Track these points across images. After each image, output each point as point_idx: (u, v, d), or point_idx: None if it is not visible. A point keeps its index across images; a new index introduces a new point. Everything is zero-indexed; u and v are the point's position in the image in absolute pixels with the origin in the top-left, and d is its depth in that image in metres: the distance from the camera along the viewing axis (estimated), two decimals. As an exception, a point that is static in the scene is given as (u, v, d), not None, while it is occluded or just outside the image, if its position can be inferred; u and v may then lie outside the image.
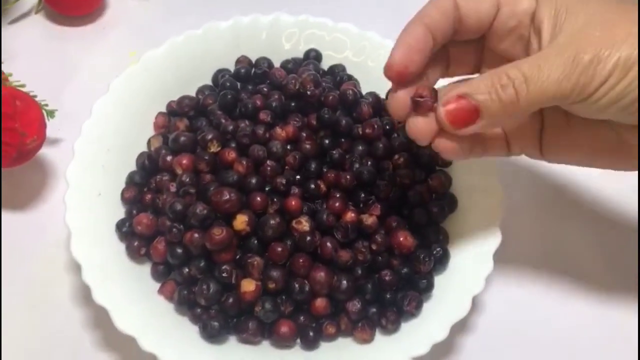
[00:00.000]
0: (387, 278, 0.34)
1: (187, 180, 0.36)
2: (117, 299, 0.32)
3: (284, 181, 0.35)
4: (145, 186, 0.38)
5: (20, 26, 0.49)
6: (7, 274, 0.38)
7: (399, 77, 0.30)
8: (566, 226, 0.41)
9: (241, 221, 0.33)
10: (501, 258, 0.35)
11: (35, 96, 0.40)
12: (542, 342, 0.37)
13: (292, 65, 0.42)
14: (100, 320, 0.36)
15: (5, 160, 0.37)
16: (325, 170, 0.37)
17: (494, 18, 0.30)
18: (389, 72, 0.30)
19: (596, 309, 0.38)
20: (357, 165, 0.37)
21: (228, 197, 0.33)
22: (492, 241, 0.35)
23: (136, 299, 0.33)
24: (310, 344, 0.33)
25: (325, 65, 0.43)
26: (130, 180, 0.38)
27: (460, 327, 0.36)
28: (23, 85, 0.40)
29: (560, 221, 0.41)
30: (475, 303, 0.37)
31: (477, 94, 0.27)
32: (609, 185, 0.42)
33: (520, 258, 0.39)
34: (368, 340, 0.33)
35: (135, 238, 0.35)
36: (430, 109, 0.28)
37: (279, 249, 0.33)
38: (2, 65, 0.39)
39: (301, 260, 0.33)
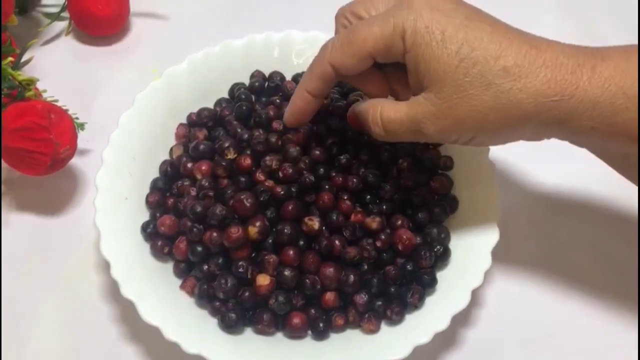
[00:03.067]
0: (392, 273, 0.36)
1: (206, 184, 0.38)
2: (143, 294, 0.35)
3: (312, 177, 0.37)
4: (167, 191, 0.40)
5: (52, 47, 0.52)
6: (41, 273, 0.40)
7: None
8: (564, 224, 0.43)
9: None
10: (502, 255, 0.37)
11: (67, 110, 0.43)
12: (541, 336, 0.38)
13: (302, 79, 0.45)
14: (126, 315, 0.38)
15: (40, 168, 0.40)
16: (333, 174, 0.39)
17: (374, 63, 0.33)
18: (287, 124, 0.38)
19: (594, 304, 0.39)
20: (363, 170, 0.39)
21: (245, 201, 0.36)
22: (490, 238, 0.37)
23: (160, 294, 0.36)
24: (320, 335, 0.35)
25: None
26: (154, 185, 0.40)
27: (462, 321, 0.38)
28: (56, 100, 0.43)
29: (559, 219, 0.43)
30: (477, 298, 0.39)
31: (361, 118, 0.35)
32: (610, 183, 0.43)
33: (521, 255, 0.41)
34: (374, 330, 0.35)
35: (159, 238, 0.38)
36: None
37: (291, 253, 0.35)
38: (38, 82, 0.42)
39: (311, 258, 0.36)
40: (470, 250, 0.37)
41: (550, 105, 0.30)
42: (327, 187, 0.38)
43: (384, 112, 0.33)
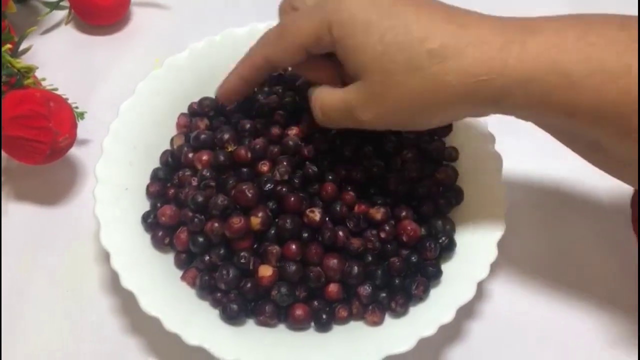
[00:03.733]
0: (396, 264, 0.36)
1: (208, 174, 0.38)
2: (143, 285, 0.34)
3: (315, 168, 0.37)
4: (168, 181, 0.40)
5: (52, 36, 0.52)
6: (40, 263, 0.40)
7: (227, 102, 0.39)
8: (572, 217, 0.42)
9: (256, 222, 0.35)
10: (508, 248, 0.36)
11: (67, 99, 0.42)
12: (546, 329, 0.38)
13: (305, 68, 0.44)
14: (127, 306, 0.38)
15: (39, 157, 0.39)
16: (337, 165, 0.39)
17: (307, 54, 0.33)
18: (218, 100, 0.39)
19: (601, 298, 0.39)
20: (367, 161, 0.39)
21: (247, 192, 0.35)
22: (496, 230, 0.36)
23: (160, 285, 0.35)
24: (323, 327, 0.35)
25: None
26: (155, 175, 0.40)
27: (467, 313, 0.38)
28: (56, 89, 0.43)
29: (566, 212, 0.42)
30: (482, 290, 0.38)
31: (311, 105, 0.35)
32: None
33: (527, 248, 0.41)
34: (378, 322, 0.35)
35: (159, 228, 0.37)
36: None
37: (293, 247, 0.35)
38: (37, 70, 0.42)
39: (314, 249, 0.35)
40: (476, 242, 0.37)
41: (479, 84, 0.29)
42: (330, 178, 0.37)
43: (323, 98, 0.34)
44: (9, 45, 0.40)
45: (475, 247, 0.37)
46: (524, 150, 0.42)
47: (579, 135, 0.31)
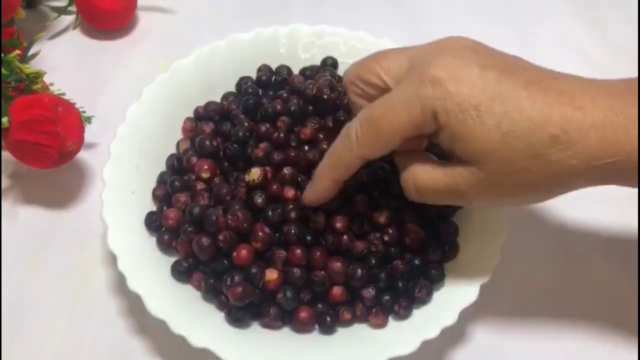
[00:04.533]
0: (399, 267, 0.36)
1: (207, 187, 0.38)
2: (149, 287, 0.35)
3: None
4: (174, 186, 0.40)
5: (59, 40, 0.52)
6: (48, 266, 0.40)
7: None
8: (575, 220, 0.42)
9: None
10: (511, 251, 0.37)
11: (74, 103, 0.43)
12: (550, 332, 0.38)
13: (309, 72, 0.44)
14: (133, 308, 0.38)
15: (47, 161, 0.40)
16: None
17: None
18: (309, 204, 0.35)
19: (606, 301, 0.39)
20: (372, 164, 0.39)
21: (243, 219, 0.35)
22: (499, 234, 0.37)
23: (166, 287, 0.36)
24: (327, 329, 0.35)
25: (341, 71, 0.44)
26: (161, 179, 0.40)
27: (470, 317, 0.38)
28: (63, 94, 0.43)
29: (569, 215, 0.42)
30: (486, 294, 0.38)
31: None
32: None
33: (530, 251, 0.41)
34: (382, 325, 0.35)
35: (165, 232, 0.38)
36: None
37: (298, 251, 0.35)
38: (45, 75, 0.42)
39: (319, 254, 0.35)
40: (479, 246, 0.37)
41: (605, 166, 0.28)
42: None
43: (417, 178, 0.32)
44: (18, 51, 0.41)
45: (478, 251, 0.37)
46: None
47: None
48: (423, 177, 0.32)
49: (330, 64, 0.45)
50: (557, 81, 0.30)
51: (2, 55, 0.40)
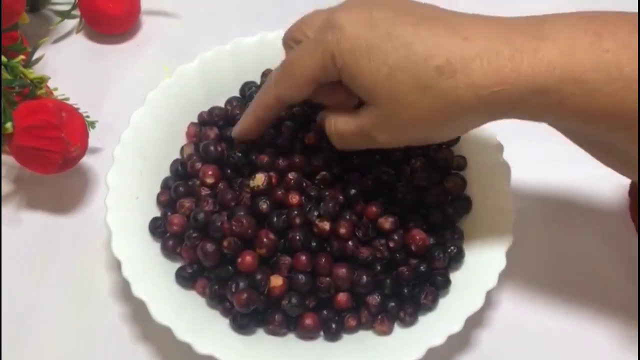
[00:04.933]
0: (405, 273, 0.36)
1: (212, 193, 0.38)
2: (154, 293, 0.35)
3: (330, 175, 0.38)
4: (178, 191, 0.40)
5: (63, 45, 0.52)
6: (51, 272, 0.40)
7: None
8: (580, 225, 0.42)
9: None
10: (516, 257, 0.36)
11: (78, 108, 0.43)
12: (555, 339, 0.38)
13: (313, 77, 0.44)
14: (137, 314, 0.38)
15: (51, 166, 0.40)
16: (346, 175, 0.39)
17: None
18: (235, 140, 0.39)
19: (611, 307, 0.39)
20: (375, 169, 0.39)
21: (247, 226, 0.35)
22: (505, 240, 0.36)
23: (171, 293, 0.36)
24: (332, 336, 0.35)
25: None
26: (165, 185, 0.40)
27: (476, 323, 0.38)
28: (67, 99, 0.43)
29: (574, 220, 0.42)
30: (491, 299, 0.38)
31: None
32: (626, 186, 0.43)
33: (535, 257, 0.41)
34: (387, 332, 0.35)
35: (170, 237, 0.38)
36: None
37: (303, 258, 0.35)
38: (49, 80, 0.42)
39: (324, 260, 0.35)
40: (485, 251, 0.37)
41: (493, 95, 0.28)
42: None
43: (337, 125, 0.34)
44: (22, 56, 0.40)
45: (483, 257, 0.37)
46: (532, 157, 0.42)
47: (593, 138, 0.31)
48: (340, 125, 0.34)
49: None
50: (450, 17, 0.31)
51: (7, 60, 0.40)
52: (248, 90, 0.44)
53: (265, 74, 0.45)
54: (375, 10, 0.31)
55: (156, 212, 0.39)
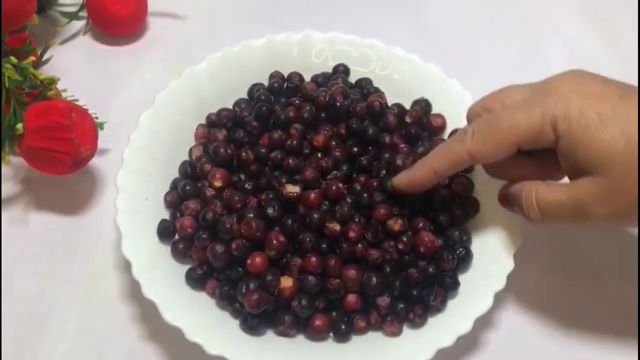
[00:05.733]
0: (414, 275, 0.36)
1: (221, 195, 0.38)
2: (164, 294, 0.35)
3: (339, 184, 0.37)
4: (186, 192, 0.40)
5: (70, 46, 0.52)
6: (61, 272, 0.40)
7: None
8: (588, 229, 0.42)
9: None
10: (525, 258, 0.37)
11: (87, 109, 0.43)
12: (563, 340, 0.38)
13: (321, 79, 0.44)
14: (146, 315, 0.38)
15: (61, 167, 0.40)
16: (354, 175, 0.39)
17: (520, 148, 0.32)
18: (396, 189, 0.37)
19: (620, 308, 0.39)
20: (384, 172, 0.39)
21: (256, 228, 0.35)
22: (512, 241, 0.37)
23: (181, 294, 0.36)
24: (342, 337, 0.35)
25: (353, 78, 0.45)
26: (174, 186, 0.40)
27: (484, 324, 0.38)
28: (76, 100, 0.43)
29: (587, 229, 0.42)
30: (500, 302, 0.39)
31: (517, 202, 0.34)
32: None
33: (544, 258, 0.41)
34: (396, 333, 0.35)
35: (180, 240, 0.38)
36: None
37: (314, 259, 0.35)
38: (58, 82, 0.42)
39: (334, 262, 0.35)
40: (493, 253, 0.37)
41: None
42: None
43: (539, 195, 0.32)
44: (32, 58, 0.41)
45: (491, 258, 0.37)
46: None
47: None
48: (546, 194, 0.32)
49: (342, 71, 0.45)
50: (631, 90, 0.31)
51: (17, 61, 0.40)
52: (256, 92, 0.44)
53: (273, 76, 0.45)
54: (601, 84, 0.30)
55: (165, 213, 0.40)
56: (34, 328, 0.38)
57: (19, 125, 0.39)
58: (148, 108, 0.41)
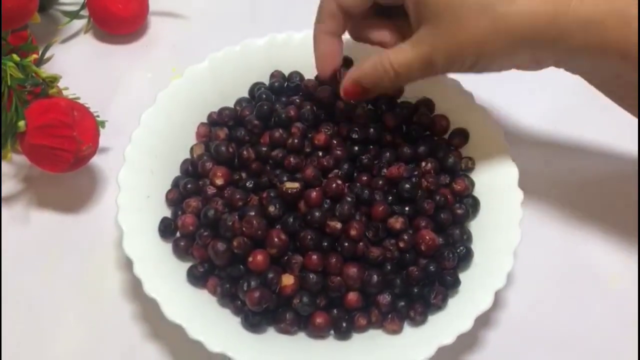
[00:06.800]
0: (415, 273, 0.36)
1: (222, 193, 0.38)
2: (166, 292, 0.35)
3: (340, 182, 0.37)
4: (188, 190, 0.40)
5: (71, 45, 0.52)
6: (62, 270, 0.41)
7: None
8: (588, 223, 0.42)
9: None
10: (524, 256, 0.37)
11: (89, 108, 0.43)
12: (564, 338, 0.38)
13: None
14: (148, 313, 0.38)
15: (63, 165, 0.40)
16: (356, 174, 0.39)
17: None
18: (322, 78, 0.41)
19: (622, 306, 0.39)
20: (385, 170, 0.39)
21: (257, 227, 0.35)
22: (512, 239, 0.37)
23: (182, 292, 0.36)
24: (343, 335, 0.35)
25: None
26: (176, 184, 0.40)
27: (484, 322, 0.38)
28: (78, 98, 0.43)
29: (582, 219, 0.43)
30: (499, 299, 0.39)
31: (365, 80, 0.36)
32: (631, 182, 0.43)
33: (543, 256, 0.41)
34: (397, 331, 0.35)
35: (181, 238, 0.38)
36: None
37: (315, 257, 0.35)
38: (60, 80, 0.43)
39: (335, 260, 0.36)
40: (493, 252, 0.37)
41: (544, 26, 0.31)
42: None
43: (396, 58, 0.35)
44: (34, 56, 0.41)
45: (492, 257, 0.37)
46: (539, 158, 0.43)
47: (620, 78, 0.33)
48: (396, 56, 0.35)
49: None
50: None
51: (19, 59, 0.40)
52: (257, 91, 0.44)
53: (274, 75, 0.45)
54: None
55: (167, 211, 0.40)
56: (35, 326, 0.38)
57: (21, 123, 0.39)
58: (150, 107, 0.41)
